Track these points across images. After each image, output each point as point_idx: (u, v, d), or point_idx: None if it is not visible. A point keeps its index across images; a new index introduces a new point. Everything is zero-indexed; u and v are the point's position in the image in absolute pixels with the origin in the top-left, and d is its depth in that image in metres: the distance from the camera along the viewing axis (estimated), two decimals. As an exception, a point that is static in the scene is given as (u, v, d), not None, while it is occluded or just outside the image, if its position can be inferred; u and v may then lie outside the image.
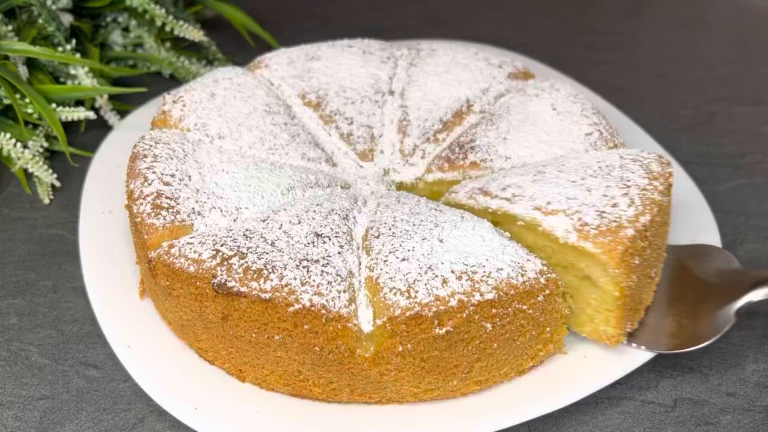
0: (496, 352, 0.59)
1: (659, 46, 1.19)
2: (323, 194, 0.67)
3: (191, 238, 0.60)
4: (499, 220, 0.65)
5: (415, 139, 0.75)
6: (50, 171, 0.82)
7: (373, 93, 0.79)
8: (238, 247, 0.58)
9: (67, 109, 0.84)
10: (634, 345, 0.62)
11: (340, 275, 0.58)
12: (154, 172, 0.65)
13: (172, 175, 0.65)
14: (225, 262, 0.57)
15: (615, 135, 0.74)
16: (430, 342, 0.57)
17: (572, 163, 0.67)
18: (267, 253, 0.58)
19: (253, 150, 0.72)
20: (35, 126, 0.86)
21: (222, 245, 0.59)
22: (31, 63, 0.88)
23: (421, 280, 0.56)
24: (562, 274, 0.62)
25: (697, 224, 0.75)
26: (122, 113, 0.92)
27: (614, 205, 0.61)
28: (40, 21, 0.88)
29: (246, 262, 0.57)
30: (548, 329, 0.61)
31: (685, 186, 0.79)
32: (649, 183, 0.64)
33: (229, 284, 0.56)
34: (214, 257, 0.58)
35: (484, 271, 0.57)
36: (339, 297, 0.56)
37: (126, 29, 1.01)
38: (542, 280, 0.58)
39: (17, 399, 0.63)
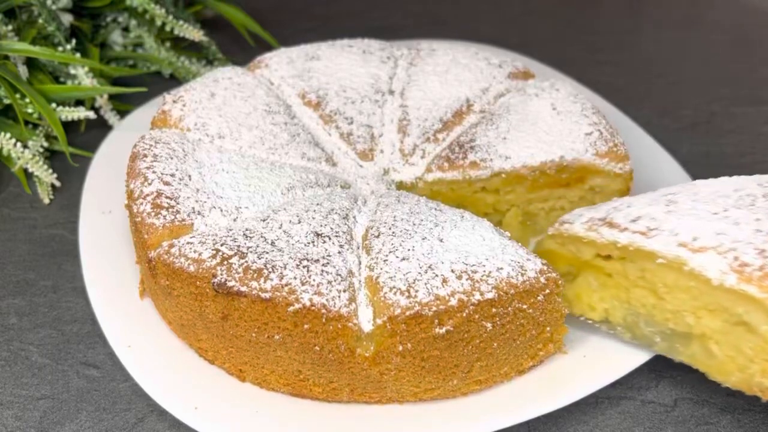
0: (496, 352, 0.59)
1: (659, 46, 1.19)
2: (323, 194, 0.67)
3: (191, 237, 0.60)
4: (628, 256, 0.60)
5: (415, 138, 0.75)
6: (50, 171, 0.82)
7: (373, 93, 0.79)
8: (238, 246, 0.58)
9: (67, 108, 0.84)
10: None
11: (340, 275, 0.58)
12: (154, 172, 0.65)
13: (172, 175, 0.65)
14: (225, 262, 0.57)
15: (615, 135, 0.74)
16: (430, 341, 0.57)
17: (705, 192, 0.61)
18: (267, 253, 0.58)
19: (253, 150, 0.72)
20: (35, 126, 0.86)
21: (222, 245, 0.59)
22: (31, 63, 0.87)
23: (421, 280, 0.56)
24: (707, 318, 0.56)
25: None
26: (122, 113, 0.92)
27: None
28: (40, 21, 0.88)
29: (246, 261, 0.57)
30: (548, 329, 0.61)
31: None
32: None
33: (229, 284, 0.56)
34: (214, 257, 0.58)
35: (485, 271, 0.57)
36: (339, 296, 0.56)
37: (126, 29, 1.01)
38: (542, 280, 0.58)
39: (17, 399, 0.63)
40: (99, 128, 0.92)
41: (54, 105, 0.83)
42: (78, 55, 0.88)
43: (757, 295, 0.52)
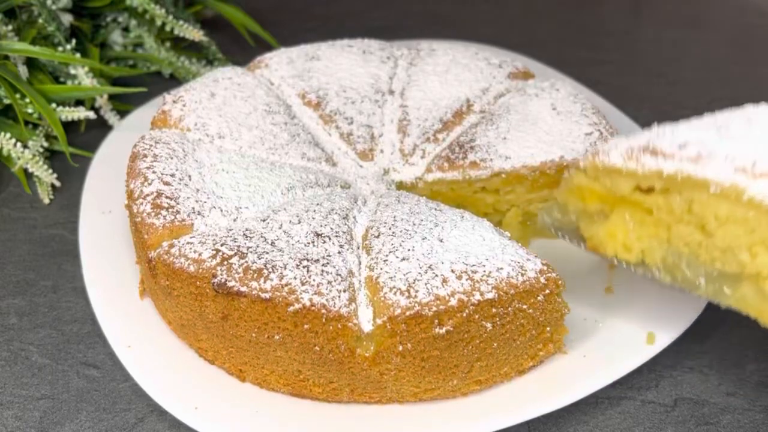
0: (496, 352, 0.59)
1: (659, 46, 1.19)
2: (323, 194, 0.67)
3: (191, 237, 0.60)
4: (673, 188, 0.53)
5: (415, 138, 0.75)
6: (50, 171, 0.82)
7: (373, 93, 0.79)
8: (238, 246, 0.58)
9: (67, 108, 0.84)
10: None
11: (340, 275, 0.58)
12: (154, 172, 0.65)
13: (172, 175, 0.65)
14: (225, 262, 0.57)
15: (615, 135, 0.74)
16: (430, 341, 0.57)
17: (759, 117, 0.55)
18: (267, 253, 0.58)
19: (253, 150, 0.72)
20: (35, 126, 0.86)
21: (222, 245, 0.59)
22: (31, 63, 0.87)
23: (421, 280, 0.56)
24: (765, 254, 0.50)
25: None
26: (122, 113, 0.92)
27: None
28: (40, 21, 0.88)
29: (246, 261, 0.57)
30: (548, 329, 0.61)
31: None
32: None
33: (229, 284, 0.56)
34: (214, 257, 0.58)
35: (484, 271, 0.57)
36: (339, 296, 0.56)
37: (126, 29, 1.01)
38: (542, 280, 0.58)
39: (17, 399, 0.63)
40: (99, 128, 0.92)
41: (54, 105, 0.83)
42: (78, 55, 0.88)
43: None
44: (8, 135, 0.81)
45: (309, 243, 0.60)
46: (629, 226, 0.57)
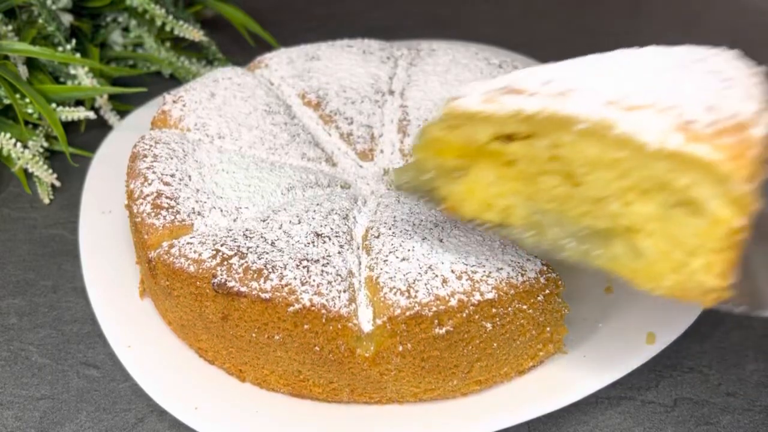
0: (496, 352, 0.59)
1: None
2: (323, 194, 0.67)
3: (191, 238, 0.60)
4: (537, 131, 0.46)
5: (415, 139, 0.75)
6: (50, 171, 0.82)
7: (373, 93, 0.79)
8: (238, 247, 0.58)
9: (67, 109, 0.84)
10: (741, 308, 0.44)
11: (340, 275, 0.58)
12: (154, 172, 0.65)
13: (172, 175, 0.65)
14: (225, 262, 0.57)
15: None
16: (430, 342, 0.57)
17: (627, 56, 0.50)
18: (267, 253, 0.58)
19: (253, 150, 0.72)
20: (35, 126, 0.86)
21: (222, 245, 0.59)
22: (31, 63, 0.87)
23: (421, 280, 0.56)
24: (638, 203, 0.44)
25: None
26: (122, 113, 0.92)
27: (723, 98, 0.43)
28: (40, 21, 0.88)
29: (246, 261, 0.57)
30: (548, 329, 0.61)
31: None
32: (752, 76, 0.47)
33: (229, 284, 0.56)
34: (214, 257, 0.58)
35: (484, 271, 0.57)
36: (339, 297, 0.56)
37: (126, 29, 1.01)
38: (542, 280, 0.58)
39: (17, 399, 0.63)
40: (99, 128, 0.92)
41: (54, 105, 0.83)
42: (78, 55, 0.88)
43: (710, 156, 0.40)
44: (8, 135, 0.81)
45: (309, 243, 0.60)
46: (490, 181, 0.50)
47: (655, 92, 0.43)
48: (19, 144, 0.81)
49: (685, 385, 0.65)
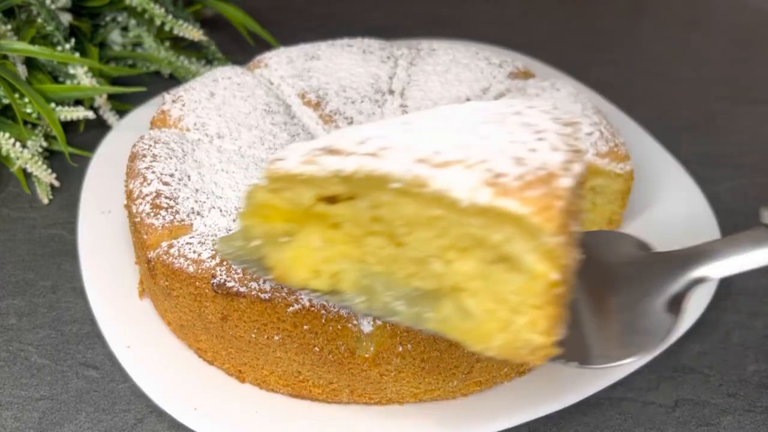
0: (497, 353, 0.59)
1: (659, 45, 1.19)
2: (323, 194, 0.67)
3: (190, 238, 0.60)
4: (358, 191, 0.45)
5: (415, 138, 0.75)
6: (49, 171, 0.82)
7: (373, 92, 0.79)
8: (238, 247, 0.58)
9: (66, 108, 0.84)
10: (571, 363, 0.46)
11: (340, 275, 0.57)
12: (153, 172, 0.65)
13: (171, 175, 0.65)
14: (224, 262, 0.57)
15: (615, 135, 0.74)
16: (431, 342, 0.56)
17: (447, 112, 0.50)
18: (267, 253, 0.58)
19: (252, 150, 0.72)
20: (34, 125, 0.86)
21: (221, 245, 0.58)
22: (30, 62, 0.87)
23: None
24: (459, 261, 0.44)
25: (697, 224, 0.74)
26: (121, 113, 0.92)
27: (532, 150, 0.43)
28: (39, 20, 0.87)
29: (246, 262, 0.57)
30: (549, 330, 0.60)
31: (685, 186, 0.79)
32: (563, 128, 0.46)
33: (229, 284, 0.56)
34: (213, 257, 0.58)
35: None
36: (339, 297, 0.56)
37: (125, 29, 1.01)
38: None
39: (16, 399, 0.63)
40: (98, 128, 0.91)
41: (53, 105, 0.83)
42: (77, 54, 0.87)
43: (518, 210, 0.39)
44: (7, 135, 0.80)
45: (309, 243, 0.59)
46: (317, 246, 0.48)
47: (466, 147, 0.43)
48: (18, 144, 0.80)
49: (686, 385, 0.65)
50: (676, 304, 0.50)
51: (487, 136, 0.44)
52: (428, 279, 0.46)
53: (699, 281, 0.51)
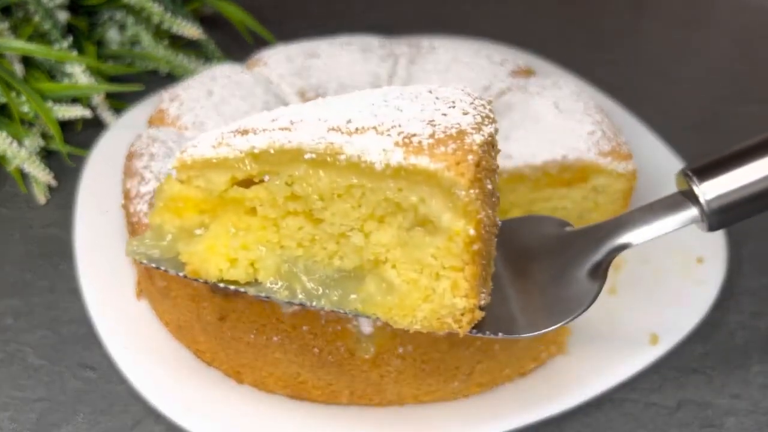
0: (498, 354, 0.58)
1: (662, 44, 1.18)
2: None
3: (189, 238, 0.60)
4: (272, 169, 0.45)
5: (416, 137, 0.75)
6: (46, 170, 0.82)
7: (373, 91, 0.79)
8: (236, 247, 0.58)
9: (63, 107, 0.83)
10: (499, 335, 0.46)
11: (339, 276, 0.57)
12: (151, 171, 0.64)
13: (170, 174, 0.64)
14: (223, 263, 0.57)
15: (618, 134, 0.73)
16: (431, 343, 0.56)
17: (359, 94, 0.50)
18: (265, 254, 0.57)
19: (251, 149, 0.71)
20: (31, 124, 0.85)
21: (220, 245, 0.58)
22: (27, 61, 0.87)
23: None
24: (378, 231, 0.44)
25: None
26: (119, 111, 0.91)
27: (444, 115, 0.44)
28: (36, 18, 0.87)
29: (244, 262, 0.56)
30: (551, 330, 0.60)
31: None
32: (474, 101, 0.47)
33: (227, 285, 0.56)
34: (211, 257, 0.57)
35: (486, 272, 0.56)
36: (338, 298, 0.55)
37: (123, 27, 1.00)
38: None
39: (13, 400, 0.62)
40: (95, 127, 0.91)
41: (50, 103, 0.83)
42: (74, 52, 0.87)
43: (431, 166, 0.40)
44: (4, 134, 0.80)
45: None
46: (232, 234, 0.47)
47: (379, 116, 0.44)
48: (15, 143, 0.80)
49: (688, 386, 0.64)
50: (598, 272, 0.51)
51: (400, 108, 0.45)
52: (349, 256, 0.45)
53: (619, 248, 0.52)
